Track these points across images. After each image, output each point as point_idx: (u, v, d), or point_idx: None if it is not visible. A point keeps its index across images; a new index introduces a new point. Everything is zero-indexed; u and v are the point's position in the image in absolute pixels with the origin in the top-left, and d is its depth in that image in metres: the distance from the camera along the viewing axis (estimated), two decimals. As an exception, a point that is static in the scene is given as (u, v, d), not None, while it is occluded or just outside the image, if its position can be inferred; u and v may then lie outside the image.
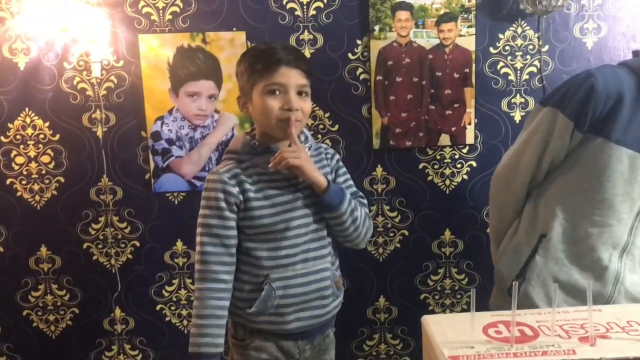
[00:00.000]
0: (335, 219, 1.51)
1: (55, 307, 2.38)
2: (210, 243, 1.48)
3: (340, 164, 1.64)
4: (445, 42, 2.23)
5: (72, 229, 2.32)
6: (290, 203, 1.50)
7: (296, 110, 1.44)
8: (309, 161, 1.47)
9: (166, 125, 2.25)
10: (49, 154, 2.27)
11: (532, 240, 1.54)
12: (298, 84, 1.45)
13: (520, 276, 1.55)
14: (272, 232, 1.49)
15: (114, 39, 2.20)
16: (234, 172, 1.49)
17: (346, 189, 1.58)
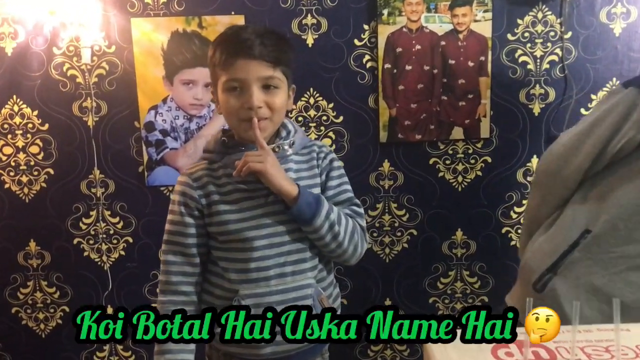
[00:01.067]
0: (310, 233, 1.32)
1: (45, 304, 2.28)
2: (170, 251, 1.35)
3: (335, 164, 1.43)
4: (459, 28, 2.07)
5: (62, 223, 2.22)
6: (261, 208, 1.32)
7: (259, 107, 1.26)
8: (275, 166, 1.28)
9: (160, 115, 2.13)
10: (37, 144, 2.16)
11: (573, 234, 1.35)
12: (260, 77, 1.26)
13: (551, 271, 1.37)
14: (239, 241, 1.32)
15: (106, 23, 2.09)
16: (200, 173, 1.35)
17: (337, 195, 1.39)
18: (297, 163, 1.38)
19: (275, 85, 1.28)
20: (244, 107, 1.26)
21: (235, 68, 1.25)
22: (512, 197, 2.20)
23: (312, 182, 1.37)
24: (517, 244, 2.23)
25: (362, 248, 1.39)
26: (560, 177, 1.42)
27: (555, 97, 2.13)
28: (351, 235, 1.35)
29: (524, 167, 2.18)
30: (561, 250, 1.35)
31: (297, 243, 1.34)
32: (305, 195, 1.29)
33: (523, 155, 2.17)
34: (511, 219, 2.22)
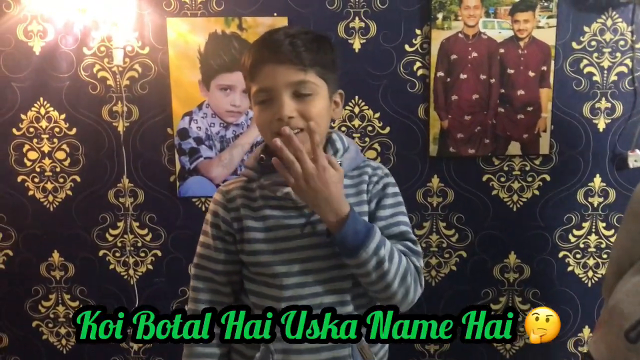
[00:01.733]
0: (353, 267, 1.11)
1: (68, 319, 2.15)
2: (200, 277, 1.23)
3: (389, 191, 1.22)
4: (520, 35, 1.91)
5: (87, 234, 2.09)
6: (294, 240, 1.15)
7: (290, 117, 1.08)
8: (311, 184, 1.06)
9: (195, 122, 1.99)
10: (64, 149, 2.04)
11: None
12: (290, 83, 1.09)
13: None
14: (269, 276, 1.16)
15: (140, 23, 1.96)
16: (235, 193, 1.21)
17: (389, 227, 1.18)
18: (343, 188, 1.16)
19: (310, 92, 1.10)
20: (275, 119, 1.09)
21: (262, 76, 1.10)
22: (572, 219, 2.03)
23: (358, 210, 1.17)
24: (575, 270, 2.06)
25: (414, 293, 1.17)
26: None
27: (622, 112, 1.96)
28: (403, 277, 1.13)
29: (585, 187, 2.01)
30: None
31: (337, 282, 1.16)
32: (353, 222, 1.08)
33: (585, 174, 2.00)
34: (569, 242, 2.04)
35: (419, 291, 1.19)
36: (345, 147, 1.22)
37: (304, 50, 1.09)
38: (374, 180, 1.21)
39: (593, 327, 2.10)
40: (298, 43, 1.09)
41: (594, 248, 2.05)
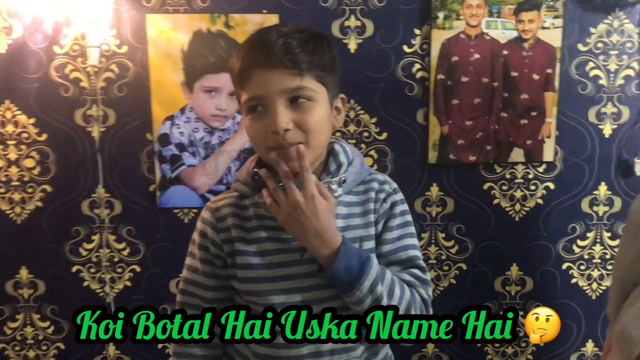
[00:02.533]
0: (349, 303, 1.02)
1: (37, 341, 1.98)
2: (187, 304, 1.10)
3: (397, 210, 1.09)
4: (524, 36, 1.82)
5: (59, 248, 1.93)
6: (293, 267, 1.03)
7: (286, 130, 0.96)
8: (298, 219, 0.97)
9: (177, 127, 1.85)
10: (33, 157, 1.87)
11: None
12: (284, 90, 0.96)
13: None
14: (264, 306, 1.03)
15: (117, 20, 1.81)
16: (226, 211, 1.07)
17: (395, 252, 1.07)
18: (348, 205, 1.07)
19: (308, 98, 0.97)
20: (269, 132, 0.96)
21: (252, 83, 0.96)
22: (576, 229, 1.94)
23: (365, 232, 1.05)
24: (579, 282, 1.98)
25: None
26: None
27: (629, 117, 1.88)
28: (404, 310, 1.01)
29: (591, 195, 1.92)
30: None
31: (341, 311, 1.04)
32: (345, 256, 0.97)
33: (590, 182, 1.92)
34: (574, 253, 1.96)
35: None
36: (349, 160, 1.09)
37: (300, 51, 0.96)
38: (381, 198, 1.08)
39: (596, 341, 2.01)
40: (292, 44, 0.96)
41: (599, 259, 1.97)
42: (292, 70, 0.95)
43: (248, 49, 0.98)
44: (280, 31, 0.98)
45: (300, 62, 0.96)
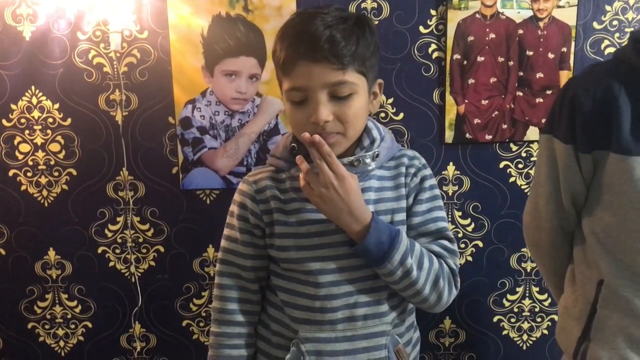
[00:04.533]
0: (381, 275, 1.09)
1: (65, 320, 2.04)
2: (225, 273, 1.17)
3: (427, 184, 1.17)
4: (539, 15, 1.83)
5: (85, 230, 1.98)
6: (329, 235, 1.09)
7: (326, 122, 1.03)
8: (331, 199, 1.02)
9: (198, 111, 1.88)
10: (58, 141, 1.92)
11: (590, 291, 1.16)
12: (327, 84, 1.01)
13: (585, 338, 1.16)
14: (302, 272, 1.10)
15: (138, 5, 1.84)
16: (265, 184, 1.14)
17: (425, 224, 1.14)
18: (380, 179, 1.14)
19: (349, 92, 1.03)
20: (310, 121, 1.03)
21: (295, 74, 1.02)
22: (591, 205, 1.96)
23: (396, 205, 1.14)
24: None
25: (449, 296, 1.13)
26: (542, 242, 1.28)
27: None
28: (434, 283, 1.09)
29: (605, 172, 1.94)
30: (586, 314, 1.17)
31: (372, 280, 1.11)
32: (376, 232, 1.04)
33: (605, 159, 1.93)
34: (589, 230, 1.98)
35: (454, 293, 1.15)
36: (381, 135, 1.16)
37: (344, 46, 1.01)
38: (412, 172, 1.16)
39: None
40: (337, 38, 1.00)
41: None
42: (335, 65, 1.00)
43: (293, 39, 1.02)
44: (325, 21, 1.01)
45: (343, 57, 1.00)
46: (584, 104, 1.10)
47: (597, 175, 1.14)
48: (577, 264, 1.23)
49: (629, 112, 1.07)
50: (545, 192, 1.21)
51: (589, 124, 1.10)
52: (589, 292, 1.17)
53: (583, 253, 1.20)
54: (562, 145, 1.14)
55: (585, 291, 1.18)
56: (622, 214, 1.10)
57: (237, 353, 1.15)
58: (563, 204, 1.19)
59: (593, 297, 1.15)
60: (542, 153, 1.21)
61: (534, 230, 1.29)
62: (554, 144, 1.16)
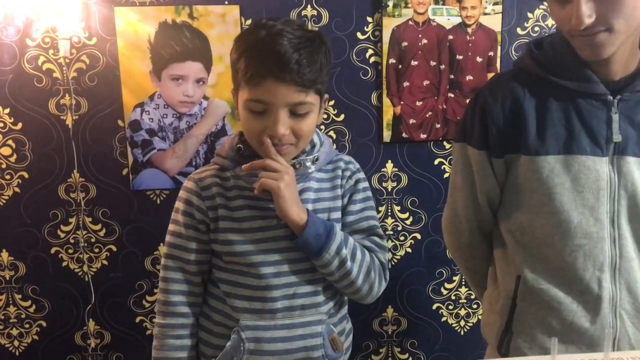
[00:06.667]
0: (318, 266, 1.18)
1: (19, 320, 2.08)
2: (170, 267, 1.23)
3: (360, 186, 1.28)
4: (467, 21, 1.96)
5: (38, 231, 2.02)
6: (271, 230, 1.18)
7: (283, 135, 1.11)
8: (289, 188, 1.13)
9: (147, 114, 1.95)
10: (9, 145, 1.96)
11: (510, 286, 1.27)
12: (289, 103, 1.10)
13: (508, 330, 1.29)
14: (244, 265, 1.19)
15: (86, 12, 1.90)
16: (209, 181, 1.21)
17: (358, 222, 1.25)
18: (318, 181, 1.24)
19: (307, 110, 1.13)
20: (267, 132, 1.12)
21: (261, 88, 1.09)
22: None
23: (332, 204, 1.24)
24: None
25: (379, 287, 1.25)
26: (464, 249, 1.38)
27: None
28: (366, 274, 1.21)
29: (532, 167, 2.10)
30: (507, 308, 1.27)
31: (310, 273, 1.21)
32: (314, 225, 1.14)
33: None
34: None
35: (383, 285, 1.26)
36: (321, 141, 1.26)
37: (309, 70, 1.09)
38: (347, 175, 1.26)
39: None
40: (304, 62, 1.08)
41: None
42: (299, 87, 1.09)
43: (262, 56, 1.07)
44: (292, 42, 1.08)
45: (308, 80, 1.09)
46: (493, 112, 1.21)
47: (509, 177, 1.25)
48: (497, 262, 1.33)
49: (534, 116, 1.19)
50: (463, 197, 1.30)
51: (500, 130, 1.21)
52: (509, 288, 1.27)
53: (502, 251, 1.30)
54: (476, 152, 1.24)
55: (506, 287, 1.28)
56: (533, 211, 1.21)
57: (181, 343, 1.22)
58: (480, 206, 1.29)
59: (513, 292, 1.27)
60: (457, 160, 1.30)
61: (454, 233, 1.38)
62: (467, 150, 1.26)
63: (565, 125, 1.17)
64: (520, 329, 1.25)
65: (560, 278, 1.20)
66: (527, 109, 1.19)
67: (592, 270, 1.17)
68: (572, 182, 1.16)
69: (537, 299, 1.22)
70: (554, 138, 1.17)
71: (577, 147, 1.16)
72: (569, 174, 1.16)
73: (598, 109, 1.15)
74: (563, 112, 1.17)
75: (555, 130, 1.17)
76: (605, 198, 1.16)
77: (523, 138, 1.18)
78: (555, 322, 1.21)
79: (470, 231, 1.34)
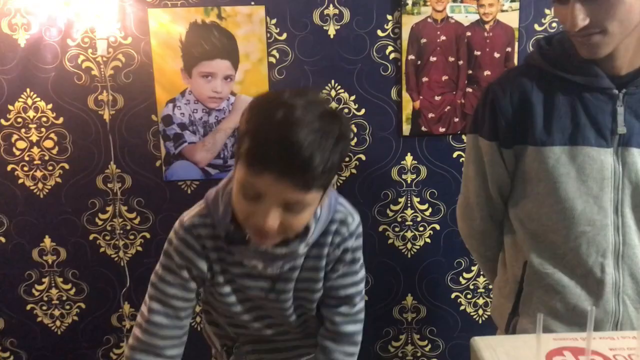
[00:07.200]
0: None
1: (61, 301, 2.23)
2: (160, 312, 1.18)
3: (348, 257, 1.19)
4: (485, 18, 2.02)
5: (77, 219, 2.16)
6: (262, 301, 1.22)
7: (270, 228, 0.99)
8: None
9: (178, 109, 2.07)
10: (52, 138, 2.10)
11: (518, 271, 1.34)
12: (285, 200, 0.97)
13: (514, 313, 1.36)
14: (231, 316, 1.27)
15: (122, 14, 2.02)
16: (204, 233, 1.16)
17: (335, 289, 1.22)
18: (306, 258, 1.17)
19: (304, 208, 1.00)
20: (254, 218, 1.00)
21: (259, 179, 0.95)
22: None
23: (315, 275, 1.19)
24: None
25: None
26: (474, 230, 1.46)
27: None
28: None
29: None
30: (514, 292, 1.35)
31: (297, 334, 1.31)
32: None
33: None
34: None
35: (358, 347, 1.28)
36: (317, 218, 1.12)
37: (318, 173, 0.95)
38: (336, 243, 1.17)
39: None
40: (314, 163, 0.93)
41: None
42: (300, 187, 0.96)
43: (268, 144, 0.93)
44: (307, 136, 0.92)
45: (312, 182, 0.96)
46: (503, 105, 1.28)
47: (518, 167, 1.32)
48: (506, 248, 1.41)
49: (541, 109, 1.26)
50: (475, 186, 1.38)
51: (508, 122, 1.28)
52: (516, 273, 1.35)
53: (511, 238, 1.37)
54: (487, 143, 1.32)
55: (514, 272, 1.36)
56: (539, 199, 1.28)
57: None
58: (491, 195, 1.37)
59: (520, 277, 1.34)
60: (469, 151, 1.38)
61: (467, 221, 1.47)
62: (479, 142, 1.33)
63: (571, 118, 1.23)
64: (526, 311, 1.32)
65: (565, 263, 1.27)
66: (534, 102, 1.25)
67: (595, 256, 1.23)
68: (577, 171, 1.22)
69: (542, 283, 1.29)
70: (560, 130, 1.23)
71: (582, 139, 1.22)
72: (574, 164, 1.22)
73: (604, 102, 1.21)
74: (569, 105, 1.23)
75: (562, 122, 1.23)
76: (609, 187, 1.22)
77: (530, 130, 1.25)
78: (559, 305, 1.27)
79: (482, 219, 1.41)
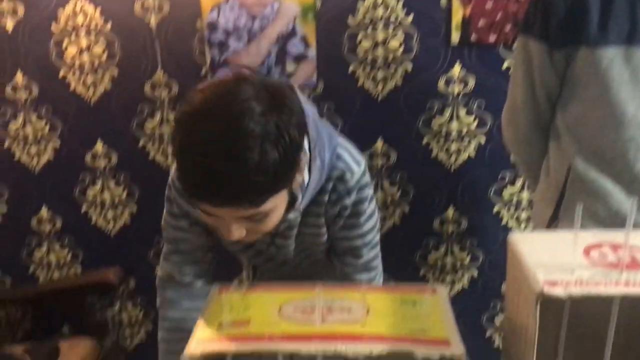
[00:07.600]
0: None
1: (113, 204, 2.33)
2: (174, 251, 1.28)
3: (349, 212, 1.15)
4: None
5: (127, 125, 2.22)
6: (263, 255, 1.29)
7: (239, 238, 0.95)
8: None
9: (223, 16, 2.05)
10: (101, 44, 2.13)
11: (561, 177, 1.33)
12: (239, 217, 0.90)
13: (555, 218, 1.34)
14: None
15: None
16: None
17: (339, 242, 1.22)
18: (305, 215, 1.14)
19: (265, 216, 0.92)
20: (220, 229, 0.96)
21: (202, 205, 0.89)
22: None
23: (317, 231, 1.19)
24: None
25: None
26: (520, 135, 1.44)
27: None
28: None
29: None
30: (556, 197, 1.34)
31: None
32: None
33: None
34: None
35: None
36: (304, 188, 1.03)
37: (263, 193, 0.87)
38: (332, 200, 1.12)
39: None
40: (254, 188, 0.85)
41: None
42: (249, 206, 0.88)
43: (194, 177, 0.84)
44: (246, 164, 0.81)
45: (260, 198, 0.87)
46: (556, 3, 1.23)
47: (569, 70, 1.28)
48: (551, 153, 1.39)
49: (597, 6, 1.20)
50: (522, 90, 1.36)
51: (561, 21, 1.24)
52: (560, 178, 1.35)
53: (556, 143, 1.36)
54: (537, 44, 1.28)
55: (557, 177, 1.36)
56: (589, 103, 1.25)
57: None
58: (538, 99, 1.35)
59: (563, 182, 1.33)
60: (518, 55, 1.36)
61: (513, 127, 1.45)
62: (529, 44, 1.30)
63: (629, 17, 1.18)
64: (566, 215, 1.32)
65: (611, 169, 1.25)
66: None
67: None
68: (631, 74, 1.18)
69: (585, 188, 1.28)
70: (616, 28, 1.18)
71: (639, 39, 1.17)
72: (629, 67, 1.18)
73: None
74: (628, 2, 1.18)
75: (619, 20, 1.18)
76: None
77: (584, 28, 1.20)
78: (601, 210, 1.27)
79: (527, 125, 1.40)
